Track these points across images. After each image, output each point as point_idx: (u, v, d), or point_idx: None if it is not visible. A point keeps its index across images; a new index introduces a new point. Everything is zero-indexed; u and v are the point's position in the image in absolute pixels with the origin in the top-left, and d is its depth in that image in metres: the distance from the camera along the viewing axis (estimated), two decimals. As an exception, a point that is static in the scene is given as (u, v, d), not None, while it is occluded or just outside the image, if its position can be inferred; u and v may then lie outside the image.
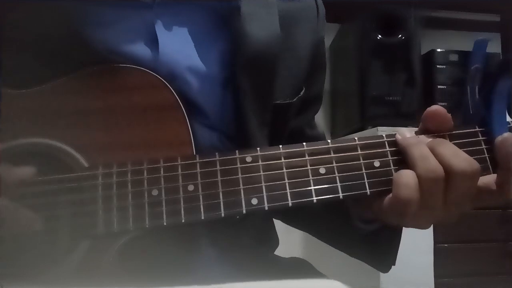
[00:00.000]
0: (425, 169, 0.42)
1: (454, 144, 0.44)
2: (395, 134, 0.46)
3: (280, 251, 0.65)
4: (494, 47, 1.86)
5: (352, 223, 0.55)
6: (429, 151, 0.43)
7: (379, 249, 0.55)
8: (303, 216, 0.66)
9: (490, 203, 0.45)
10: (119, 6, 0.50)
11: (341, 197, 0.43)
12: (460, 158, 0.42)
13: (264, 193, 0.43)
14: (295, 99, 0.59)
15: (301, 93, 0.60)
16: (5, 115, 0.44)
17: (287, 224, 0.70)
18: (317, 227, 0.66)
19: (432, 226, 0.46)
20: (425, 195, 0.42)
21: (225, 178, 0.43)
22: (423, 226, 0.44)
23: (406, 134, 0.45)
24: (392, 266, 0.56)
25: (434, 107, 0.45)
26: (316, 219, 0.63)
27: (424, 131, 0.46)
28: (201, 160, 0.44)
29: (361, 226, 0.54)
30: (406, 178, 0.42)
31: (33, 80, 0.46)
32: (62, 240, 0.42)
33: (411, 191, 0.42)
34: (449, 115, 0.45)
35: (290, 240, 0.79)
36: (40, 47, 0.47)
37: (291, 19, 0.58)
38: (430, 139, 0.45)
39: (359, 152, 0.45)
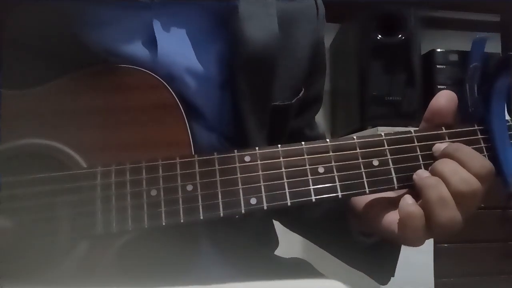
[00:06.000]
0: (445, 217, 0.41)
1: (452, 141, 0.44)
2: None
3: (280, 251, 0.65)
4: (494, 47, 1.86)
5: (352, 235, 0.55)
6: (448, 192, 0.41)
7: (379, 261, 0.55)
8: (302, 224, 0.66)
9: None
10: (117, 6, 0.49)
11: (340, 196, 0.43)
12: (457, 177, 0.41)
13: (263, 193, 0.43)
14: (294, 101, 0.58)
15: (300, 94, 0.60)
16: (4, 115, 0.44)
17: (287, 228, 0.70)
18: (316, 236, 0.66)
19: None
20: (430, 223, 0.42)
21: (223, 177, 0.43)
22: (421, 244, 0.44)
23: (420, 173, 0.44)
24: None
25: (441, 99, 0.45)
26: (316, 228, 0.63)
27: (427, 118, 0.46)
28: (199, 158, 0.44)
29: (361, 238, 0.54)
30: (413, 221, 0.41)
31: (32, 81, 0.46)
32: (61, 241, 0.42)
33: (419, 234, 0.42)
34: (456, 98, 0.45)
35: (290, 240, 0.79)
36: (38, 48, 0.47)
37: (290, 19, 0.58)
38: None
39: (358, 151, 0.45)
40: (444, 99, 0.45)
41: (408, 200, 0.42)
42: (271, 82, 0.54)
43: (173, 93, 0.46)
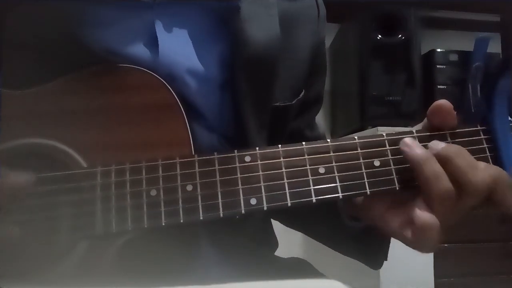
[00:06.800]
0: (440, 190, 0.41)
1: (457, 142, 0.44)
2: (398, 138, 0.45)
3: (280, 252, 0.65)
4: (494, 47, 1.86)
5: (342, 222, 0.55)
6: (440, 168, 0.41)
7: (370, 246, 0.55)
8: (297, 216, 0.66)
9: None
10: (118, 6, 0.49)
11: (340, 197, 0.43)
12: (477, 171, 0.41)
13: (263, 193, 0.43)
14: (294, 101, 0.58)
15: (301, 95, 0.60)
16: (5, 115, 0.44)
17: (283, 224, 0.70)
18: (310, 227, 0.66)
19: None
20: (438, 215, 0.42)
21: (223, 178, 0.43)
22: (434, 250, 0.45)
23: (411, 144, 0.43)
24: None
25: (440, 101, 0.44)
26: (309, 218, 0.63)
27: (428, 127, 0.46)
28: (199, 158, 0.43)
29: (350, 224, 0.54)
30: (432, 232, 0.41)
31: (33, 81, 0.45)
32: (61, 241, 0.42)
33: (434, 238, 0.42)
34: (454, 111, 0.44)
35: (290, 241, 0.79)
36: (39, 48, 0.47)
37: (291, 20, 0.58)
38: (440, 147, 0.43)
39: (359, 151, 0.44)
40: (444, 100, 0.45)
41: (425, 214, 0.42)
42: (271, 83, 0.54)
43: (173, 93, 0.46)
